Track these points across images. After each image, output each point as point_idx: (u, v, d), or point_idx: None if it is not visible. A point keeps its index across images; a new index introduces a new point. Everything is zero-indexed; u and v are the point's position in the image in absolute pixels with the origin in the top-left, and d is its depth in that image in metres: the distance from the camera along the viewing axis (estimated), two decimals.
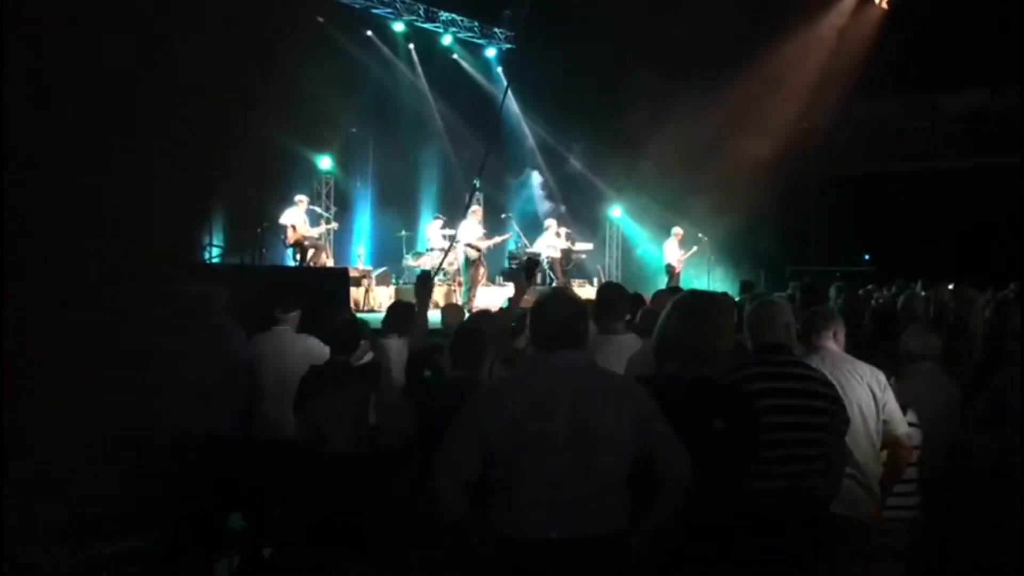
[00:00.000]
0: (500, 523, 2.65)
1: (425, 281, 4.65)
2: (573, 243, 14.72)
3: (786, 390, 3.14)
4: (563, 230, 14.46)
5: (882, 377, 3.66)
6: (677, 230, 14.30)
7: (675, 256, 14.17)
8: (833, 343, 3.76)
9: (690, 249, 14.38)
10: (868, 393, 3.58)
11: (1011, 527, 3.35)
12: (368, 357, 4.80)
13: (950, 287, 7.51)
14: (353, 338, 4.64)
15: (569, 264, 14.69)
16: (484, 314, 5.46)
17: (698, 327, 2.93)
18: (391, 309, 5.37)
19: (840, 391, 3.33)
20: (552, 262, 13.82)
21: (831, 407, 3.18)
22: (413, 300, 5.74)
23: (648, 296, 6.38)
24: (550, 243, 13.99)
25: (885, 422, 3.62)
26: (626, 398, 2.69)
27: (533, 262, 5.49)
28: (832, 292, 6.57)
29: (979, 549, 3.60)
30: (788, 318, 3.38)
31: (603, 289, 4.97)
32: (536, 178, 17.51)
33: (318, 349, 5.06)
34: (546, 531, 2.57)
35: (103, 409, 0.58)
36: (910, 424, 3.74)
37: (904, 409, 3.72)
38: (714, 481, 2.69)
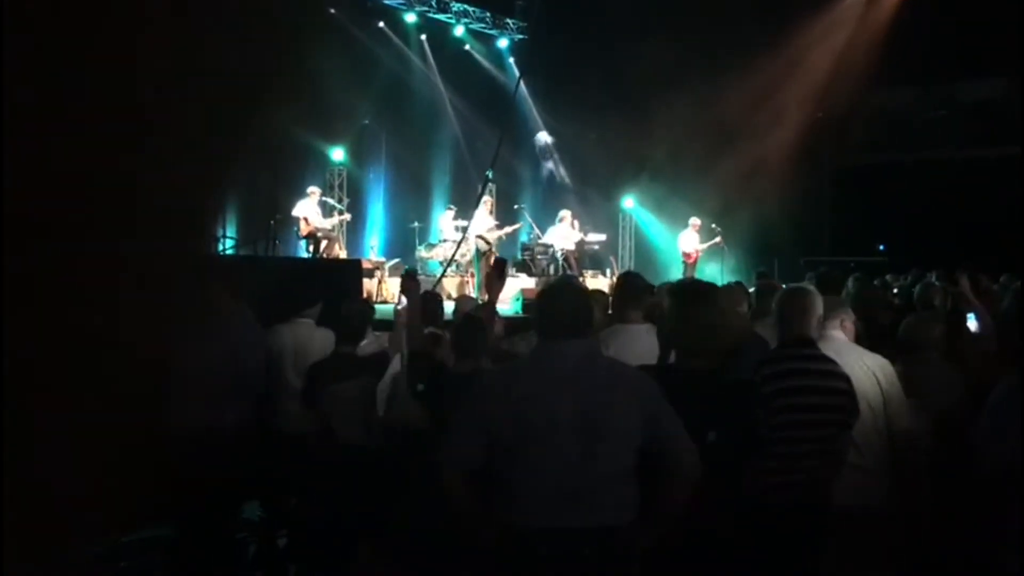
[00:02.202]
0: (505, 512, 2.65)
1: (412, 277, 4.57)
2: (586, 234, 14.68)
3: (814, 387, 3.17)
4: (577, 222, 14.42)
5: (889, 368, 3.65)
6: (695, 220, 14.25)
7: (691, 245, 14.13)
8: (840, 332, 3.74)
9: (708, 240, 14.33)
10: (874, 383, 3.57)
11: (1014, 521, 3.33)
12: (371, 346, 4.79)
13: (966, 279, 7.44)
14: (360, 328, 4.63)
15: (584, 259, 14.67)
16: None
17: (690, 318, 2.91)
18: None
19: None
20: (567, 254, 13.78)
21: (847, 403, 3.20)
22: (430, 291, 5.72)
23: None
24: (564, 235, 13.95)
25: (890, 414, 3.61)
26: (631, 387, 2.67)
27: (501, 261, 5.33)
28: (850, 283, 6.53)
29: (982, 538, 3.58)
30: (821, 309, 3.38)
31: (622, 278, 4.92)
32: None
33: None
34: (550, 521, 2.56)
35: (120, 401, 0.58)
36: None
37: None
38: (712, 476, 2.69)
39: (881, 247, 15.85)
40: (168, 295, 0.57)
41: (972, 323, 4.57)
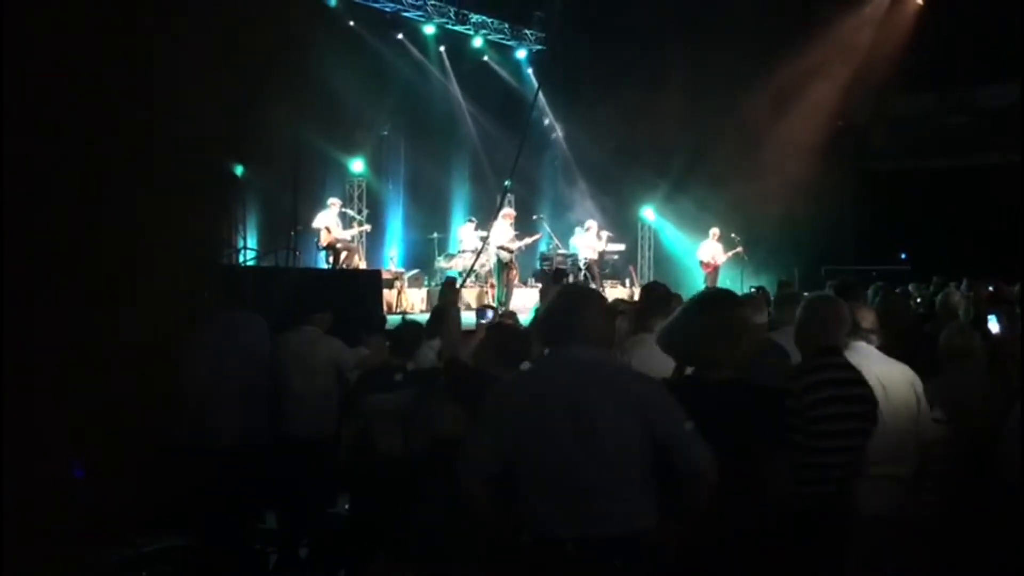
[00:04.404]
0: (522, 520, 2.64)
1: (451, 285, 4.62)
2: (606, 244, 14.66)
3: (846, 397, 3.17)
4: (604, 233, 14.40)
5: (918, 379, 3.66)
6: (715, 230, 14.22)
7: (710, 255, 14.08)
8: (866, 341, 3.73)
9: (728, 249, 14.27)
10: (912, 392, 3.58)
11: None
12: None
13: (990, 288, 7.36)
14: (413, 342, 4.65)
15: (606, 267, 14.65)
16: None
17: (703, 330, 2.88)
18: (434, 313, 5.36)
19: (883, 390, 3.32)
20: (590, 263, 13.77)
21: (871, 411, 3.20)
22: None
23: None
24: (589, 244, 13.92)
25: (923, 425, 3.62)
26: (633, 394, 2.62)
27: (560, 272, 5.36)
28: (871, 292, 6.48)
29: (1008, 547, 3.55)
30: (849, 317, 3.37)
31: (646, 288, 4.92)
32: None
33: (343, 351, 5.09)
34: (561, 529, 2.55)
35: (134, 413, 0.59)
36: (936, 420, 3.72)
37: (935, 405, 3.72)
38: (742, 485, 2.66)
39: (903, 255, 15.71)
40: (181, 304, 0.57)
41: (993, 325, 4.50)
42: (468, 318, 6.38)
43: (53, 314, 0.48)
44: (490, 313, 5.93)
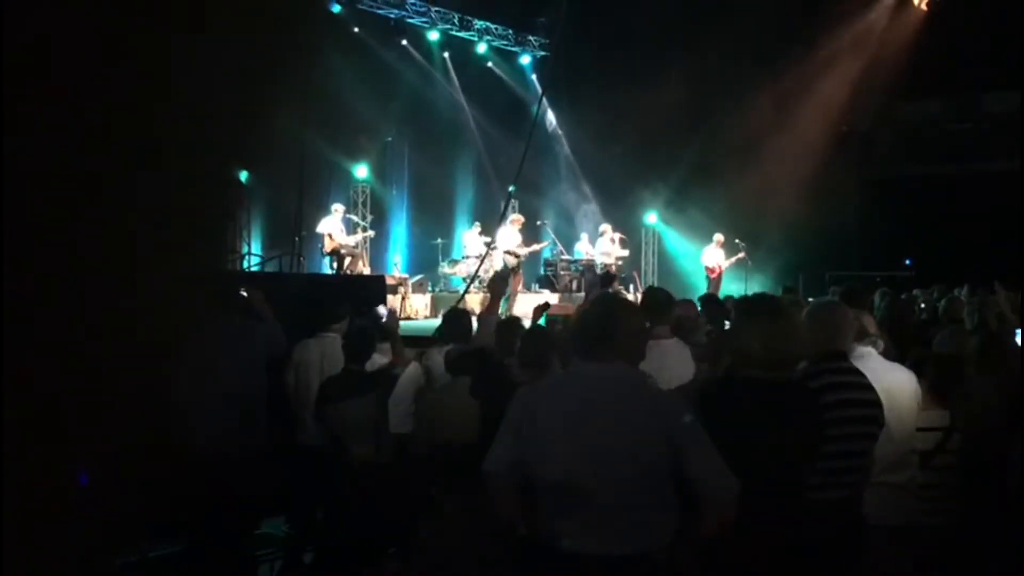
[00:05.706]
0: (535, 529, 2.62)
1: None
2: (620, 247, 14.60)
3: (852, 401, 3.15)
4: (618, 235, 14.36)
5: (918, 384, 3.66)
6: (718, 236, 14.18)
7: (714, 260, 14.05)
8: (872, 347, 3.73)
9: (732, 255, 14.25)
10: (915, 399, 3.57)
11: None
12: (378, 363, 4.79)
13: (994, 293, 7.35)
14: (366, 346, 4.61)
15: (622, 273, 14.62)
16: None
17: (779, 330, 2.88)
18: (446, 317, 5.32)
19: (887, 397, 3.32)
20: (607, 268, 13.75)
21: (879, 415, 3.19)
22: (459, 307, 5.71)
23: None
24: (605, 250, 13.87)
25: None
26: (655, 413, 2.57)
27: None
28: (876, 298, 6.47)
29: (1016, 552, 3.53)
30: (852, 322, 3.36)
31: (648, 293, 4.87)
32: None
33: None
34: (570, 543, 2.51)
35: (139, 417, 0.59)
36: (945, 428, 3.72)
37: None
38: (785, 488, 2.66)
39: (908, 261, 15.69)
40: (184, 310, 0.57)
41: (1018, 339, 4.48)
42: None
43: (57, 318, 0.48)
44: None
